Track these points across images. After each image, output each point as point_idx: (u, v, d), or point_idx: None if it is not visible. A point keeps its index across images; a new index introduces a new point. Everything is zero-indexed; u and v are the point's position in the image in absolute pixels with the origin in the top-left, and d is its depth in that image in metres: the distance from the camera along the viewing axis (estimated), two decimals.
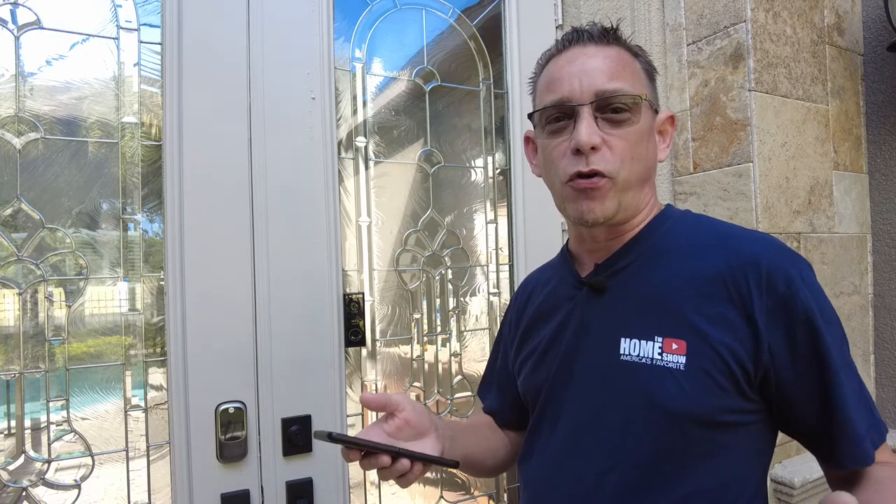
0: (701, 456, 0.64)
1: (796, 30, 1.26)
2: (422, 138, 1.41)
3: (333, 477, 1.20)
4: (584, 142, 0.66)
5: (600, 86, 0.67)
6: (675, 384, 0.63)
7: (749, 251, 0.66)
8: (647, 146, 0.70)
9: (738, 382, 0.63)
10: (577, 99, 0.68)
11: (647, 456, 0.65)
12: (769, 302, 0.63)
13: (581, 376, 0.72)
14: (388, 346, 1.37)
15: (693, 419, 0.63)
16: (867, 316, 1.38)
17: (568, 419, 0.72)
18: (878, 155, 1.39)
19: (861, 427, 0.63)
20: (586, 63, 0.69)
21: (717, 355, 0.63)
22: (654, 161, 0.73)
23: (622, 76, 0.69)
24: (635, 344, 0.67)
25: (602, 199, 0.68)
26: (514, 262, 1.46)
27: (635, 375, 0.66)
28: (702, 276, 0.66)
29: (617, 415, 0.67)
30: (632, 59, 0.72)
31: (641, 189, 0.72)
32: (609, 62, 0.69)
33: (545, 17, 1.50)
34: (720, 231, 0.72)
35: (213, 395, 1.10)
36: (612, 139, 0.67)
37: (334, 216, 1.22)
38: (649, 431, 0.65)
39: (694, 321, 0.65)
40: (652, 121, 0.72)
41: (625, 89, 0.68)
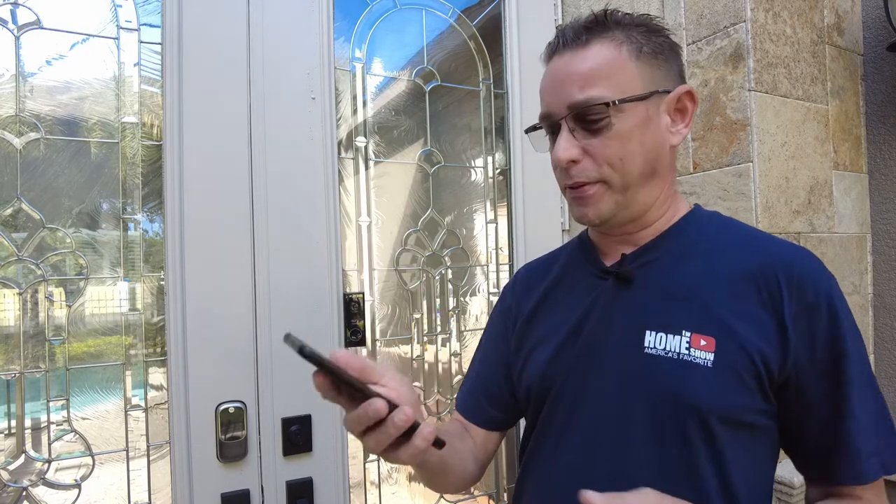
0: (724, 454, 0.63)
1: (796, 30, 1.26)
2: (422, 138, 1.41)
3: (333, 477, 1.20)
4: (560, 158, 0.67)
5: (571, 98, 0.66)
6: (703, 380, 0.63)
7: (782, 254, 0.66)
8: (640, 141, 0.67)
9: (763, 383, 0.63)
10: (556, 113, 0.69)
11: (671, 452, 0.64)
12: (797, 307, 0.63)
13: (602, 369, 0.69)
14: (388, 346, 1.37)
15: (720, 416, 0.63)
16: (867, 316, 1.38)
17: (586, 414, 0.70)
18: (877, 155, 1.39)
19: (865, 444, 0.63)
20: (562, 75, 0.68)
21: (746, 354, 0.63)
22: (656, 151, 0.69)
23: (595, 81, 0.66)
24: (661, 338, 0.66)
25: (595, 203, 0.68)
26: (514, 262, 1.46)
27: (660, 369, 0.65)
28: (733, 274, 0.66)
29: (641, 410, 0.66)
30: (614, 50, 0.67)
31: (647, 183, 0.69)
32: (583, 68, 0.67)
33: (545, 17, 1.51)
34: (752, 234, 0.72)
35: (213, 394, 1.10)
36: (592, 147, 0.67)
37: (334, 216, 1.22)
38: (676, 427, 0.64)
39: (724, 318, 0.64)
40: (646, 111, 0.67)
41: (594, 98, 0.65)
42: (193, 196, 1.10)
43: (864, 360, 0.65)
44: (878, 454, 0.63)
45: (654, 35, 0.70)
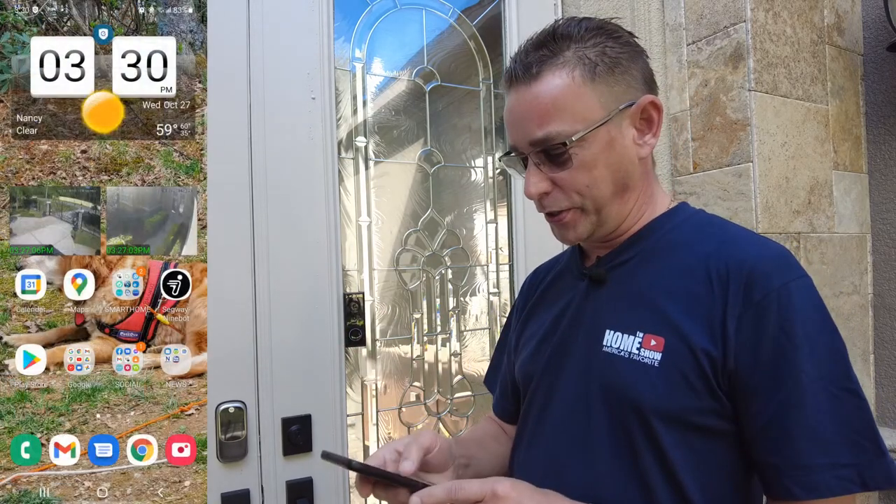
0: (670, 456, 0.63)
1: (796, 30, 1.26)
2: (422, 138, 1.41)
3: (333, 477, 1.20)
4: (530, 193, 0.70)
5: (532, 136, 0.67)
6: (648, 379, 0.63)
7: (740, 253, 0.64)
8: (605, 165, 0.67)
9: (710, 383, 0.62)
10: (521, 149, 0.70)
11: (620, 450, 0.65)
12: (743, 306, 0.61)
13: (569, 366, 0.73)
14: (388, 346, 1.37)
15: (663, 416, 0.63)
16: (867, 316, 1.38)
17: (555, 407, 0.73)
18: (877, 155, 1.39)
19: (818, 449, 0.57)
20: (519, 111, 0.68)
21: (692, 355, 0.62)
22: (625, 169, 0.68)
23: (552, 116, 0.65)
24: (618, 337, 0.68)
25: (574, 227, 0.71)
26: (514, 262, 1.46)
27: (612, 367, 0.67)
28: (693, 274, 0.66)
29: (598, 407, 0.68)
30: (566, 78, 0.65)
31: (620, 199, 0.70)
32: (536, 104, 0.66)
33: (545, 18, 1.50)
34: (726, 232, 0.70)
35: (213, 394, 1.10)
36: (560, 180, 0.68)
37: (334, 216, 1.22)
38: (622, 425, 0.65)
39: (675, 318, 0.64)
40: (608, 133, 0.66)
41: (552, 135, 0.65)
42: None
43: (832, 361, 0.60)
44: (848, 465, 0.57)
45: (611, 44, 0.67)
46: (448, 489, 0.56)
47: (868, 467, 0.57)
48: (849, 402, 0.59)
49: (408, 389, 1.38)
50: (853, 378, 0.61)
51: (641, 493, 0.64)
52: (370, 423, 1.33)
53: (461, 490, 0.56)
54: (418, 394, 1.39)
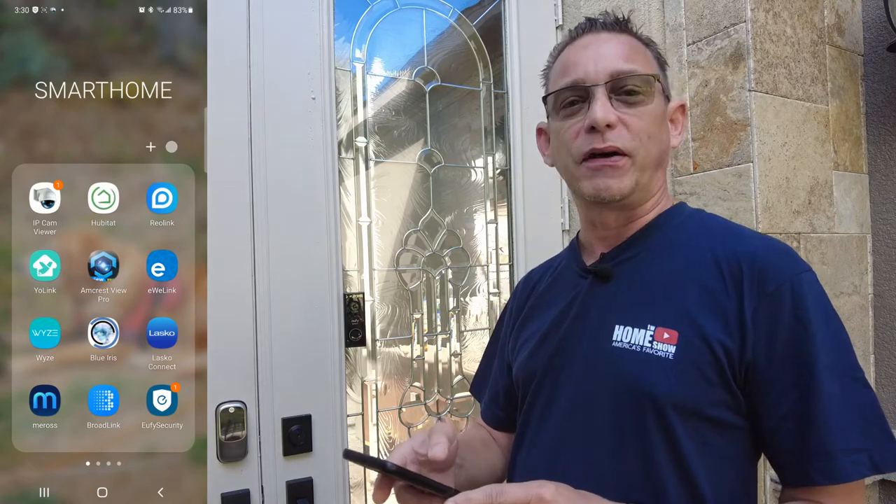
0: (683, 448, 0.63)
1: (796, 30, 1.26)
2: (422, 138, 1.41)
3: (333, 477, 1.20)
4: (601, 118, 0.67)
5: (615, 66, 0.69)
6: (662, 371, 0.63)
7: (750, 247, 0.66)
8: (660, 129, 0.72)
9: (725, 375, 0.62)
10: (591, 80, 0.69)
11: (630, 443, 0.65)
12: (758, 297, 0.62)
13: (574, 363, 0.72)
14: (388, 346, 1.37)
15: (677, 407, 0.63)
16: (867, 316, 1.38)
17: (559, 406, 0.72)
18: (878, 155, 1.39)
19: (839, 436, 0.59)
20: (601, 47, 0.71)
21: (708, 347, 0.63)
22: (667, 145, 0.74)
23: (636, 59, 0.70)
24: (628, 331, 0.68)
25: (620, 175, 0.68)
26: (514, 262, 1.47)
27: (623, 362, 0.67)
28: (703, 268, 0.67)
29: (605, 402, 0.67)
30: (644, 47, 0.74)
31: (656, 172, 0.73)
32: (623, 47, 0.71)
33: (545, 17, 1.51)
34: (730, 229, 0.72)
35: (213, 394, 1.10)
36: (628, 118, 0.68)
37: (334, 216, 1.22)
38: (634, 418, 0.65)
39: (689, 312, 0.65)
40: (664, 106, 0.73)
41: (639, 70, 0.69)
42: None
43: (841, 351, 0.62)
44: (860, 449, 0.59)
45: (659, 51, 0.77)
46: (488, 493, 0.52)
47: (879, 451, 0.59)
48: (859, 390, 0.62)
49: (408, 389, 1.38)
50: (860, 367, 0.63)
51: (651, 490, 0.63)
52: (370, 423, 1.33)
53: (503, 494, 0.53)
54: (418, 394, 1.39)
